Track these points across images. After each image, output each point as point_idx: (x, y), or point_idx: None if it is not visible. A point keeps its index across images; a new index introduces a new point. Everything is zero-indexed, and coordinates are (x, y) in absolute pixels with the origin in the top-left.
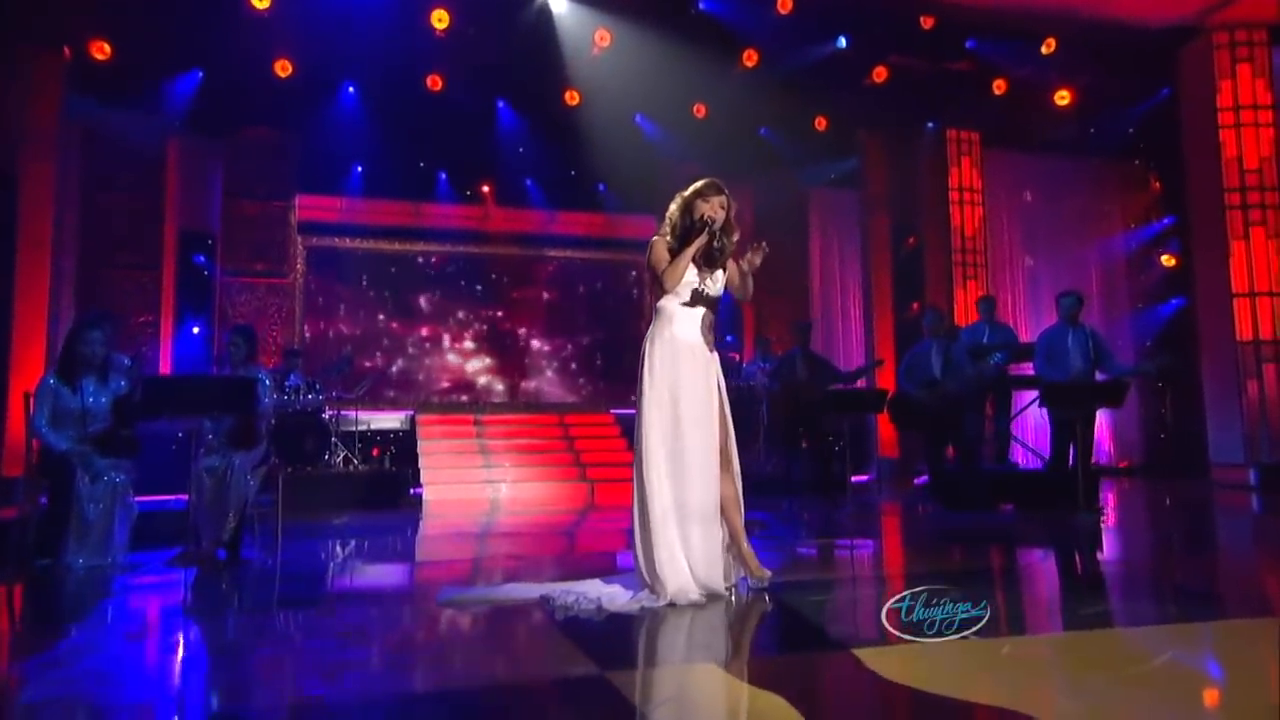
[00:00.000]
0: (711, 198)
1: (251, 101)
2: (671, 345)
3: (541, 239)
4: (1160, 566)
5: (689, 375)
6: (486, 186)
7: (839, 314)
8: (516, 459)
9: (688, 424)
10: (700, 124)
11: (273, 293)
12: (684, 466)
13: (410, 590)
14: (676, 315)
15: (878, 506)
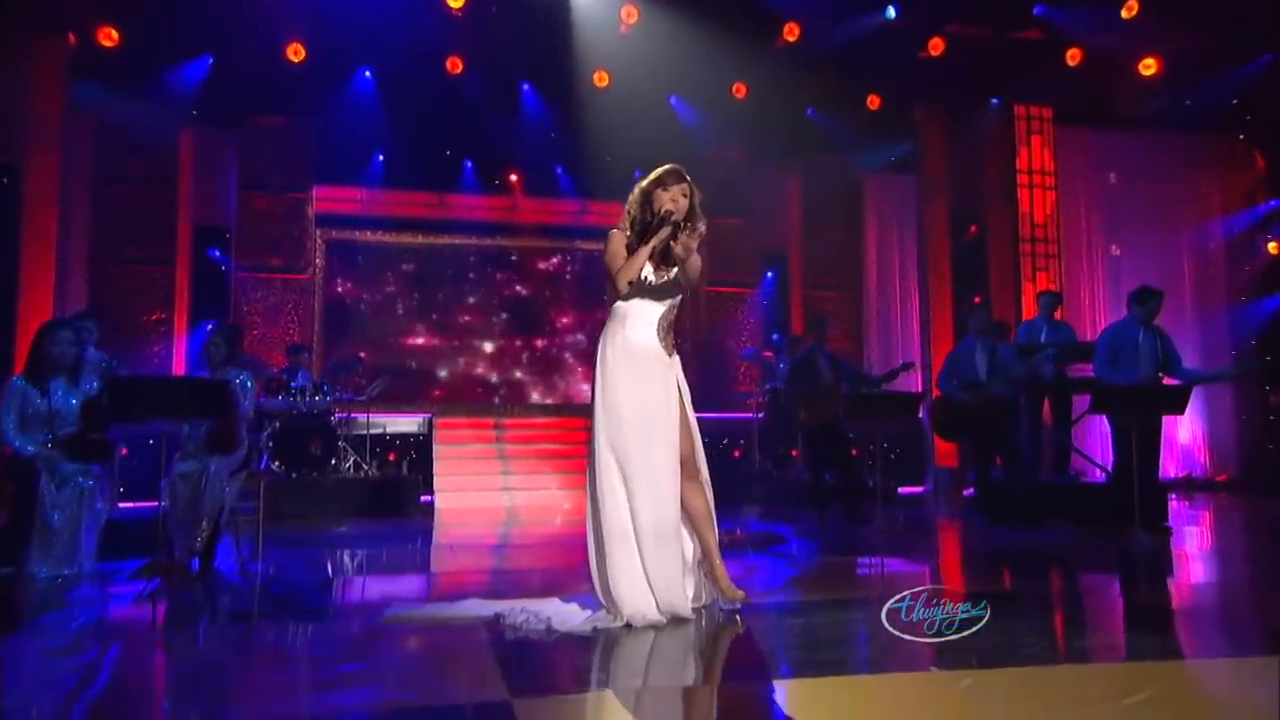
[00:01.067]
0: (671, 186)
1: (264, 88)
2: (625, 349)
3: (573, 230)
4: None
5: (645, 381)
6: (514, 175)
7: (898, 311)
8: (537, 465)
9: (643, 434)
10: (740, 105)
11: (290, 289)
12: (640, 479)
13: (366, 605)
14: (630, 316)
15: (913, 521)
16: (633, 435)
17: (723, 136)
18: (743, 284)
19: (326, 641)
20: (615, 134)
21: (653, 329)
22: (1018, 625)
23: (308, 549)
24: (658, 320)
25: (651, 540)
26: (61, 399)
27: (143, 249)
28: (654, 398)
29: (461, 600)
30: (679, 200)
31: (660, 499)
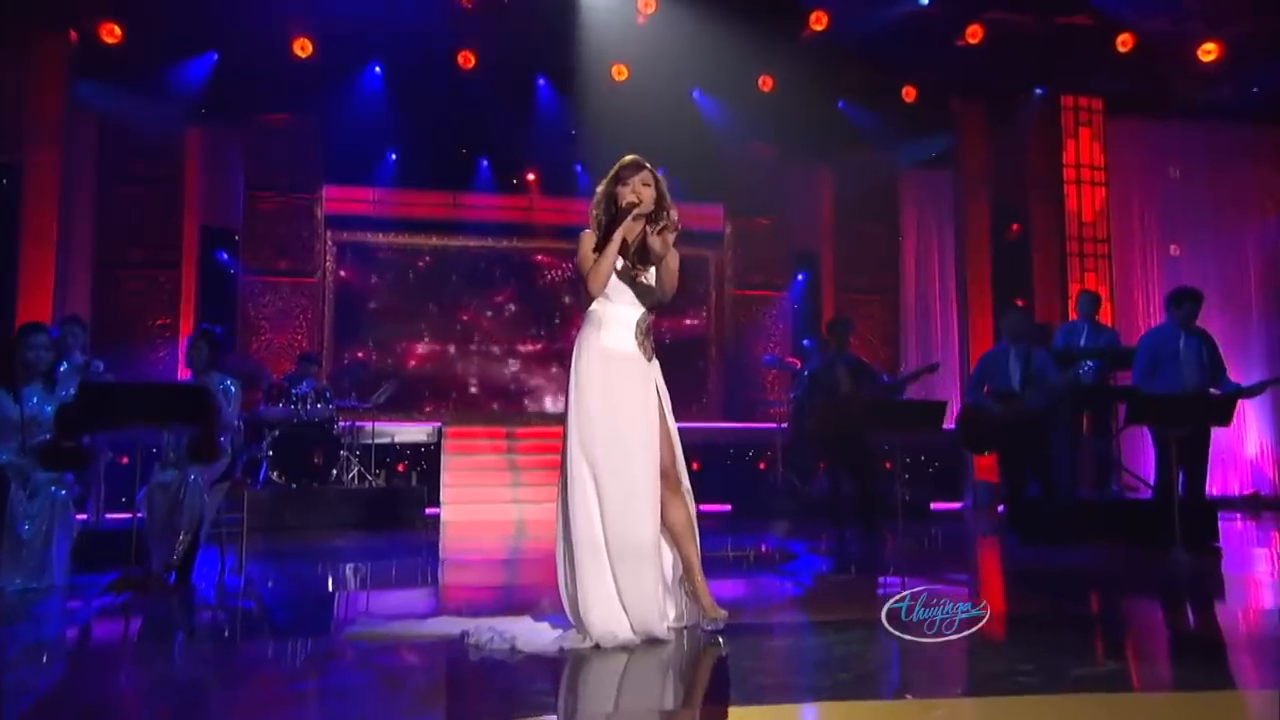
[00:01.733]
0: (630, 179)
1: (271, 85)
2: (601, 355)
3: None
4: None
5: (621, 389)
6: (531, 174)
7: (937, 315)
8: (549, 477)
9: (618, 444)
10: (767, 98)
11: (298, 293)
12: (614, 492)
13: (335, 622)
14: (606, 320)
15: (941, 538)
16: (608, 445)
17: (750, 132)
18: (771, 286)
19: (277, 660)
20: (636, 130)
21: (630, 333)
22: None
23: (297, 562)
24: (635, 324)
25: (626, 556)
26: (36, 406)
27: (147, 251)
28: (631, 406)
29: (432, 617)
30: (640, 191)
31: (637, 512)
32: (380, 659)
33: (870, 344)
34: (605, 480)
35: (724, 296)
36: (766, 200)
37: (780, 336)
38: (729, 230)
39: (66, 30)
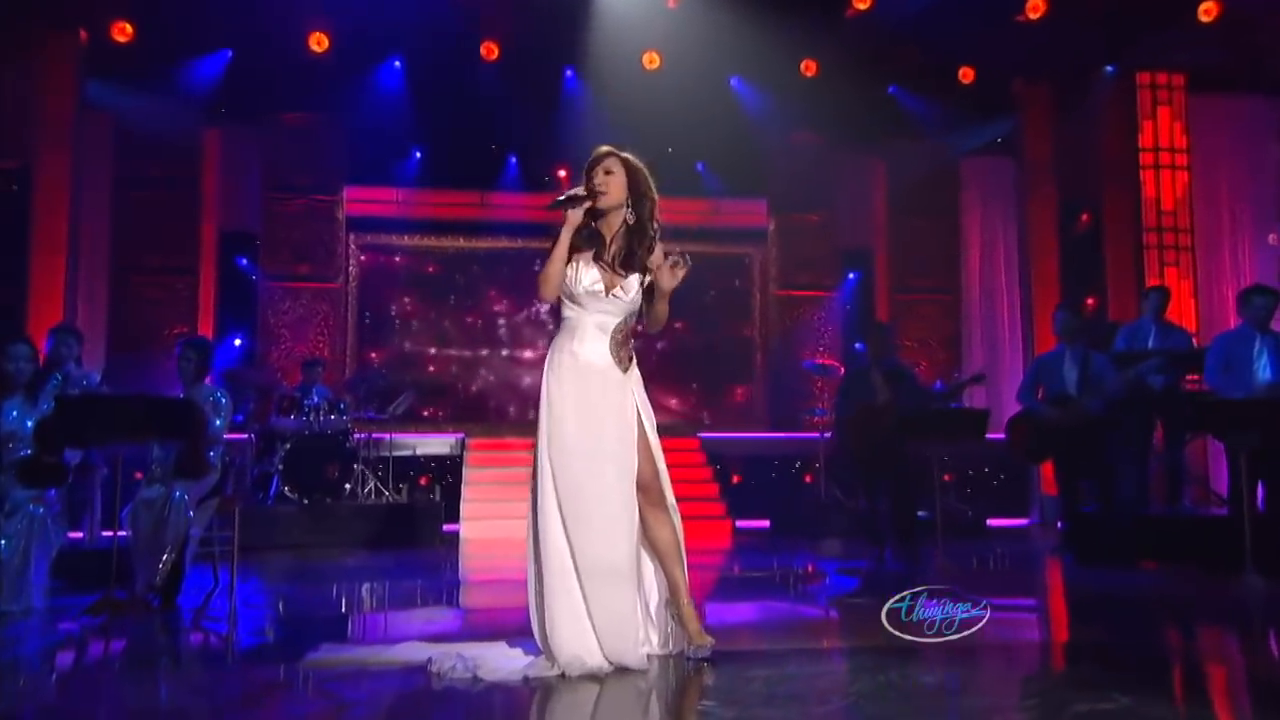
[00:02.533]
0: (594, 170)
1: (288, 82)
2: (573, 365)
3: None
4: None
5: (594, 401)
6: (563, 171)
7: (1004, 314)
8: None
9: (590, 460)
10: (811, 85)
11: (319, 298)
12: (586, 512)
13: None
14: (579, 328)
15: (991, 558)
16: (578, 461)
17: (793, 121)
18: (820, 286)
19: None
20: (673, 122)
21: (605, 342)
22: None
23: (295, 583)
24: (611, 331)
25: (597, 578)
26: (16, 420)
27: (164, 257)
28: (605, 419)
29: (402, 643)
30: (603, 180)
31: (609, 533)
32: (333, 687)
33: (928, 347)
34: (574, 496)
35: (768, 298)
36: (813, 194)
37: (830, 340)
38: (773, 227)
39: (76, 29)
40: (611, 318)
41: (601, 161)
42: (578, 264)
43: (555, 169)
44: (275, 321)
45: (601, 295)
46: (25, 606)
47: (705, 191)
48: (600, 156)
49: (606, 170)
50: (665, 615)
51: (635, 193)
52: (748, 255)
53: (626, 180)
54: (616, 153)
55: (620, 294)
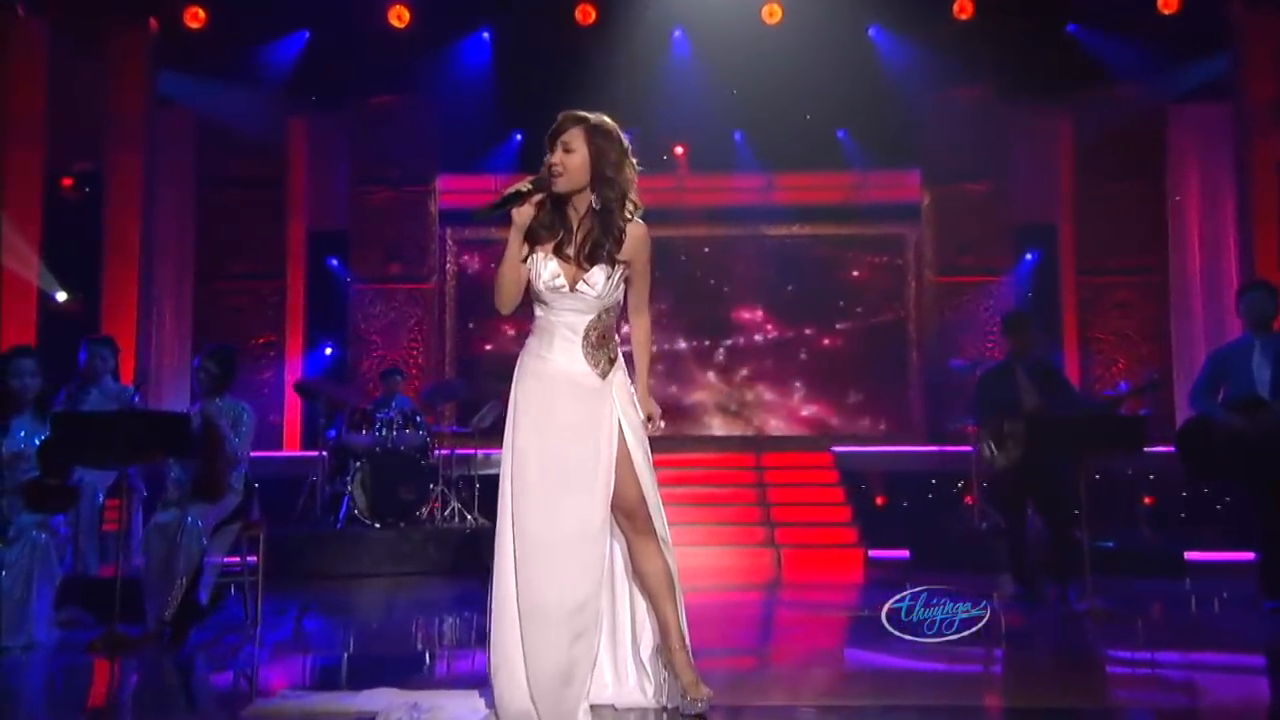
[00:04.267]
0: (552, 145)
1: (369, 62)
2: (538, 375)
3: (754, 212)
4: None
5: (562, 416)
6: (680, 148)
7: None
8: (686, 515)
9: (549, 483)
10: (968, 29)
11: (413, 301)
12: (541, 542)
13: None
14: (547, 330)
15: (1161, 601)
16: (536, 483)
17: (949, 74)
18: (987, 270)
19: None
20: (804, 85)
21: (576, 346)
22: None
23: (343, 616)
24: (584, 332)
25: (538, 621)
26: (24, 439)
27: (249, 261)
28: (575, 435)
29: (372, 690)
30: (562, 159)
31: (566, 569)
32: None
33: (1128, 342)
34: (529, 524)
35: (924, 285)
36: (978, 160)
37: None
38: (928, 201)
39: (145, 19)
40: (582, 316)
41: (561, 135)
42: (539, 257)
43: (671, 146)
44: (366, 327)
45: (565, 290)
46: (27, 640)
47: (847, 163)
48: (559, 129)
49: (566, 148)
50: (659, 662)
51: (598, 174)
52: (899, 236)
53: (590, 157)
54: (581, 123)
55: (586, 288)
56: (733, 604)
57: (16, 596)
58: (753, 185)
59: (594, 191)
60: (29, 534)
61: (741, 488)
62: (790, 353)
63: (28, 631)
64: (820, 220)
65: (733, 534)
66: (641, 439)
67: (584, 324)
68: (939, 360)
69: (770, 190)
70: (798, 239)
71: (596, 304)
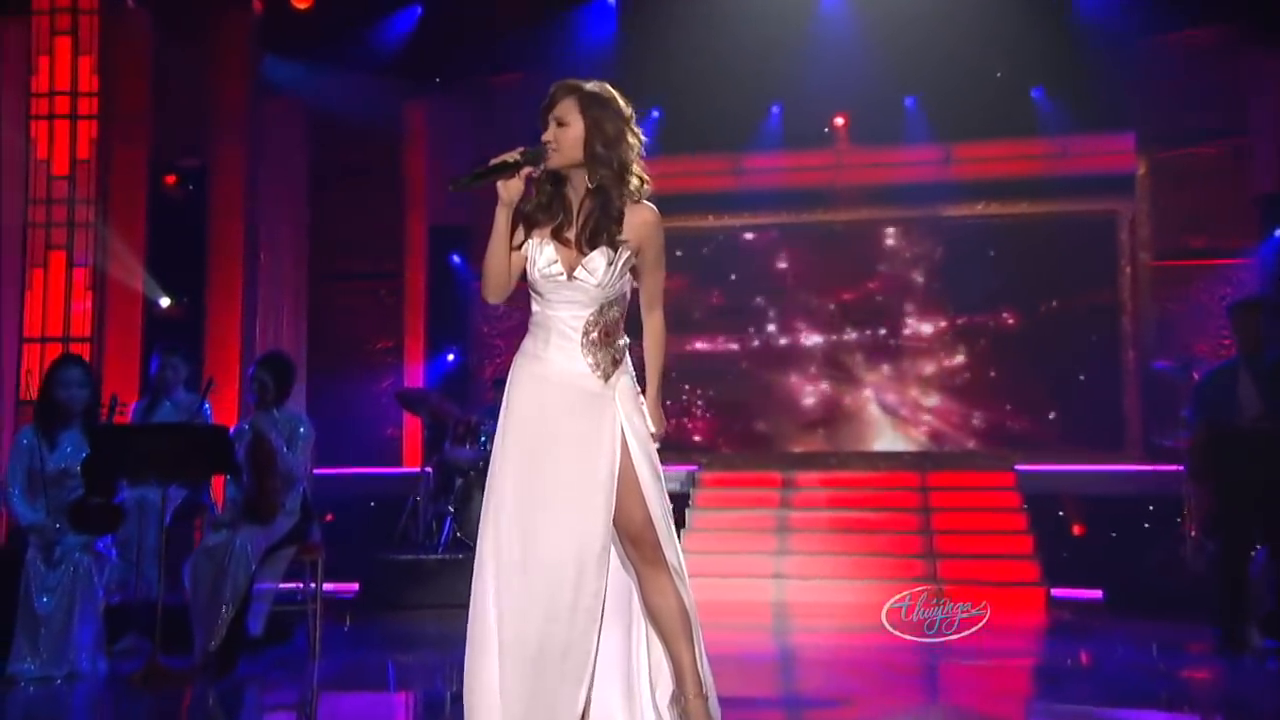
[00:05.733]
0: (545, 117)
1: (488, 38)
2: (532, 377)
3: (929, 190)
4: None
5: (555, 424)
6: (840, 118)
7: None
8: (830, 543)
9: (535, 501)
10: None
11: None
12: (524, 567)
13: None
14: (543, 328)
15: None
16: (526, 501)
17: (1176, 16)
18: (1219, 251)
19: None
20: (988, 39)
21: (575, 344)
22: None
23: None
24: (583, 329)
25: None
26: (71, 455)
27: (366, 260)
28: (572, 445)
29: None
30: (555, 133)
31: (554, 602)
32: None
33: None
34: (514, 547)
35: (1140, 270)
36: (1210, 118)
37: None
38: (1144, 169)
39: (249, 2)
40: (581, 309)
41: (554, 108)
42: (535, 243)
43: (830, 116)
44: (489, 330)
45: (562, 280)
46: (69, 670)
47: (1045, 128)
48: (552, 101)
49: (559, 120)
50: (675, 712)
51: (590, 151)
52: (1109, 212)
53: (585, 130)
54: (574, 92)
55: (585, 276)
56: (876, 649)
57: (58, 623)
58: (927, 158)
59: (590, 170)
60: (72, 556)
61: (900, 512)
62: (971, 354)
63: (70, 661)
64: (1010, 197)
65: (885, 566)
66: (649, 452)
67: (584, 319)
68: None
69: (948, 163)
70: (982, 220)
71: (598, 294)
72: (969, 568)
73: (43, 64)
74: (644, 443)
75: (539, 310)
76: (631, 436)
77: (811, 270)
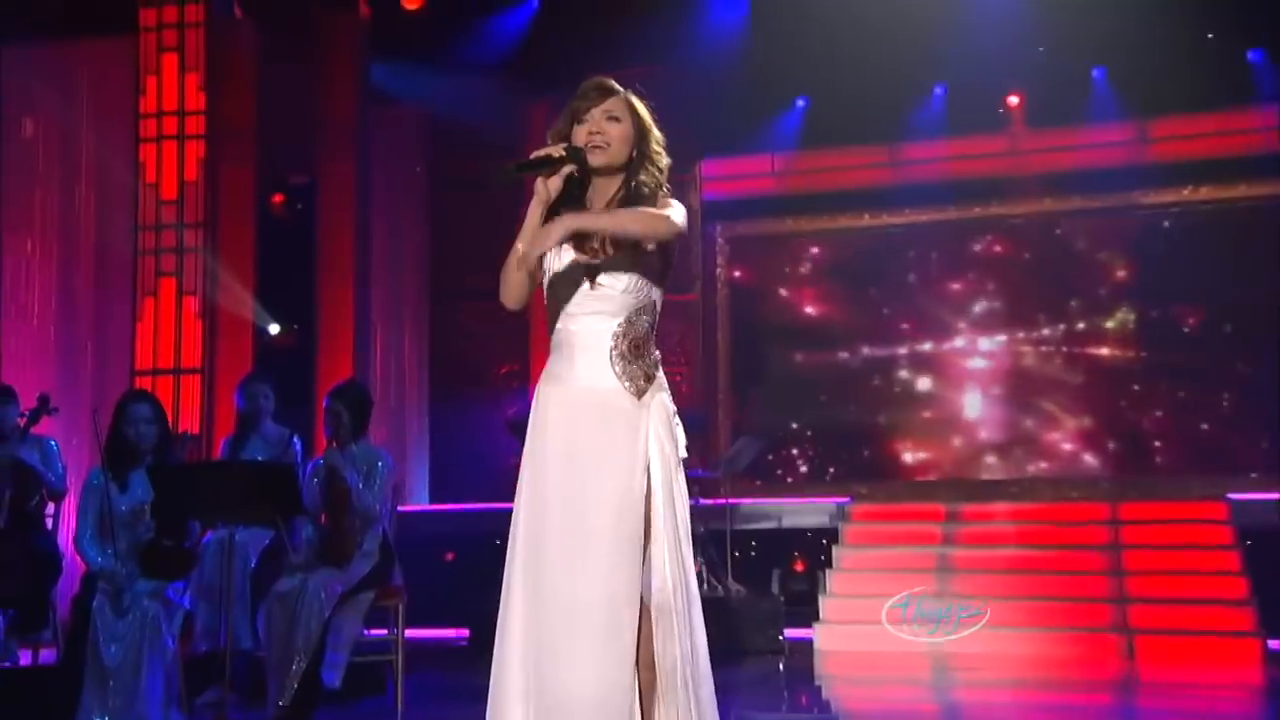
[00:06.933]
0: (588, 111)
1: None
2: (560, 400)
3: (1122, 175)
4: None
5: (587, 444)
6: (1014, 97)
7: None
8: (999, 585)
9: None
10: None
11: (674, 315)
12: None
13: None
14: (568, 342)
15: None
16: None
17: None
18: None
19: None
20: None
21: (603, 357)
22: None
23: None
24: (611, 341)
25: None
26: (144, 495)
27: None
28: (600, 470)
29: None
30: (605, 128)
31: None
32: None
33: None
34: (538, 589)
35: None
36: None
37: None
38: None
39: (355, 5)
40: (608, 320)
41: (602, 102)
42: (555, 251)
43: (1002, 96)
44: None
45: (585, 289)
46: None
47: (1262, 97)
48: (600, 93)
49: (610, 114)
50: None
51: (641, 153)
52: None
53: (635, 130)
54: (622, 91)
55: (609, 281)
56: (1056, 709)
57: (127, 675)
58: (1118, 138)
59: (630, 173)
60: (140, 604)
61: (1084, 549)
62: (1175, 363)
63: (140, 714)
64: (1222, 179)
65: (1063, 611)
66: (669, 478)
67: (611, 329)
68: None
69: (1144, 143)
70: (1187, 207)
71: (624, 301)
72: (1168, 614)
73: (150, 84)
74: (667, 466)
75: (561, 327)
76: (655, 458)
77: (982, 272)
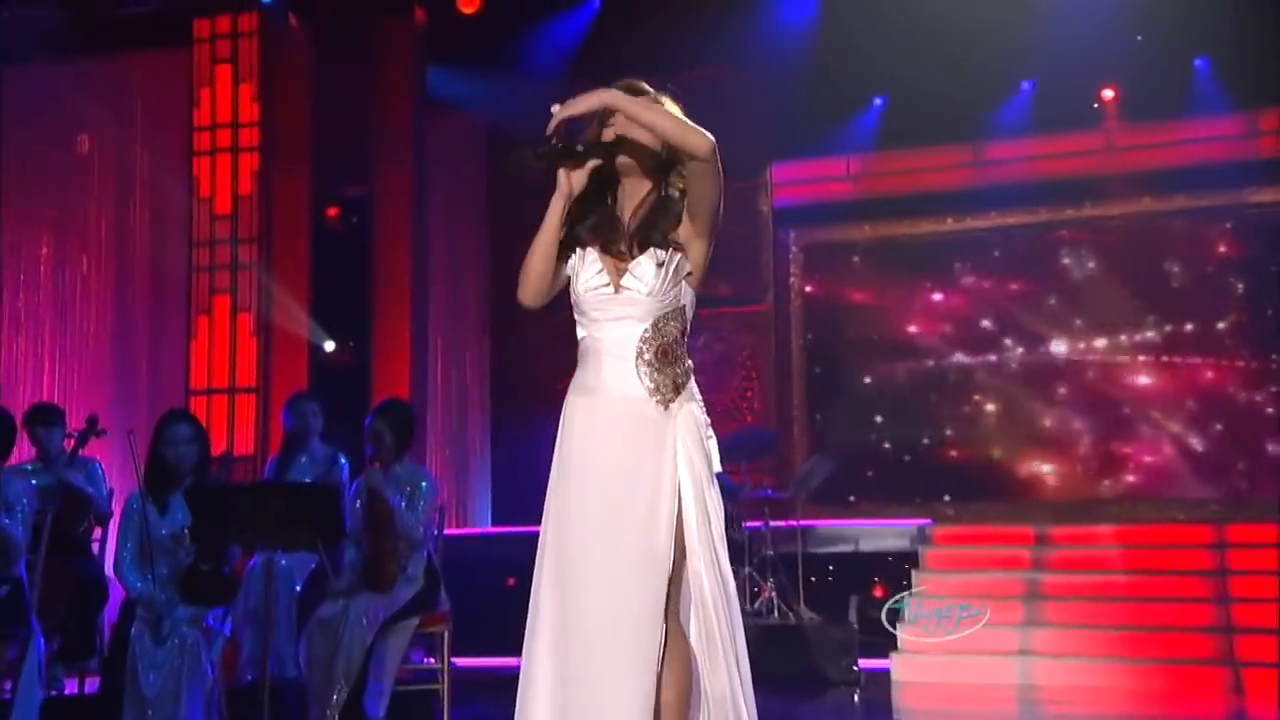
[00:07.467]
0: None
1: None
2: (585, 412)
3: (1228, 171)
4: None
5: (614, 457)
6: (1108, 90)
7: None
8: (1091, 612)
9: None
10: None
11: (741, 327)
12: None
13: None
14: (594, 351)
15: None
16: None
17: None
18: None
19: None
20: None
21: (629, 365)
22: None
23: None
24: (637, 348)
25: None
26: (184, 519)
27: None
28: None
29: None
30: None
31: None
32: None
33: None
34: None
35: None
36: None
37: None
38: None
39: (411, 10)
40: (634, 326)
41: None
42: (577, 257)
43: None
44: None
45: (609, 293)
46: None
47: None
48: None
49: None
50: None
51: (675, 158)
52: None
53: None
54: (652, 91)
55: (634, 285)
56: None
57: (166, 705)
58: (1224, 133)
59: (662, 176)
60: (179, 631)
61: (1186, 575)
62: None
63: None
64: None
65: (1165, 642)
66: (701, 493)
67: (637, 336)
68: None
69: (1254, 136)
70: None
71: (650, 306)
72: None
73: (204, 96)
74: (699, 481)
75: (586, 335)
76: (685, 472)
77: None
